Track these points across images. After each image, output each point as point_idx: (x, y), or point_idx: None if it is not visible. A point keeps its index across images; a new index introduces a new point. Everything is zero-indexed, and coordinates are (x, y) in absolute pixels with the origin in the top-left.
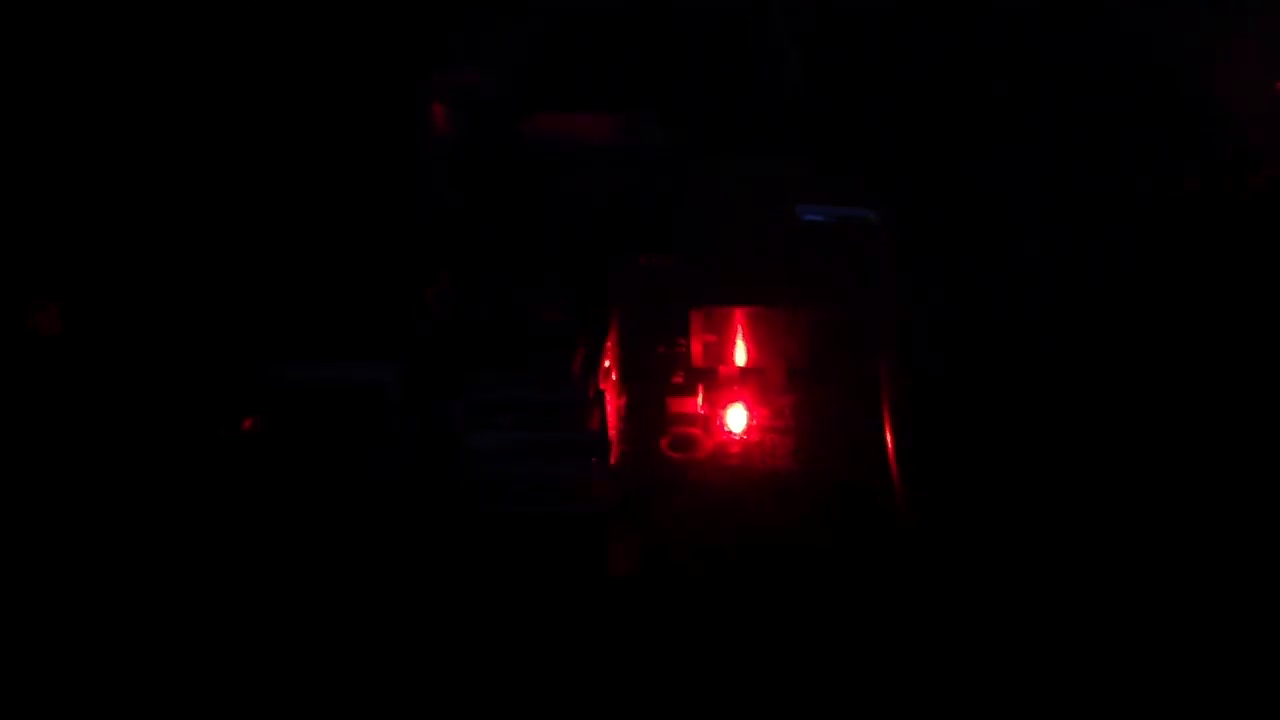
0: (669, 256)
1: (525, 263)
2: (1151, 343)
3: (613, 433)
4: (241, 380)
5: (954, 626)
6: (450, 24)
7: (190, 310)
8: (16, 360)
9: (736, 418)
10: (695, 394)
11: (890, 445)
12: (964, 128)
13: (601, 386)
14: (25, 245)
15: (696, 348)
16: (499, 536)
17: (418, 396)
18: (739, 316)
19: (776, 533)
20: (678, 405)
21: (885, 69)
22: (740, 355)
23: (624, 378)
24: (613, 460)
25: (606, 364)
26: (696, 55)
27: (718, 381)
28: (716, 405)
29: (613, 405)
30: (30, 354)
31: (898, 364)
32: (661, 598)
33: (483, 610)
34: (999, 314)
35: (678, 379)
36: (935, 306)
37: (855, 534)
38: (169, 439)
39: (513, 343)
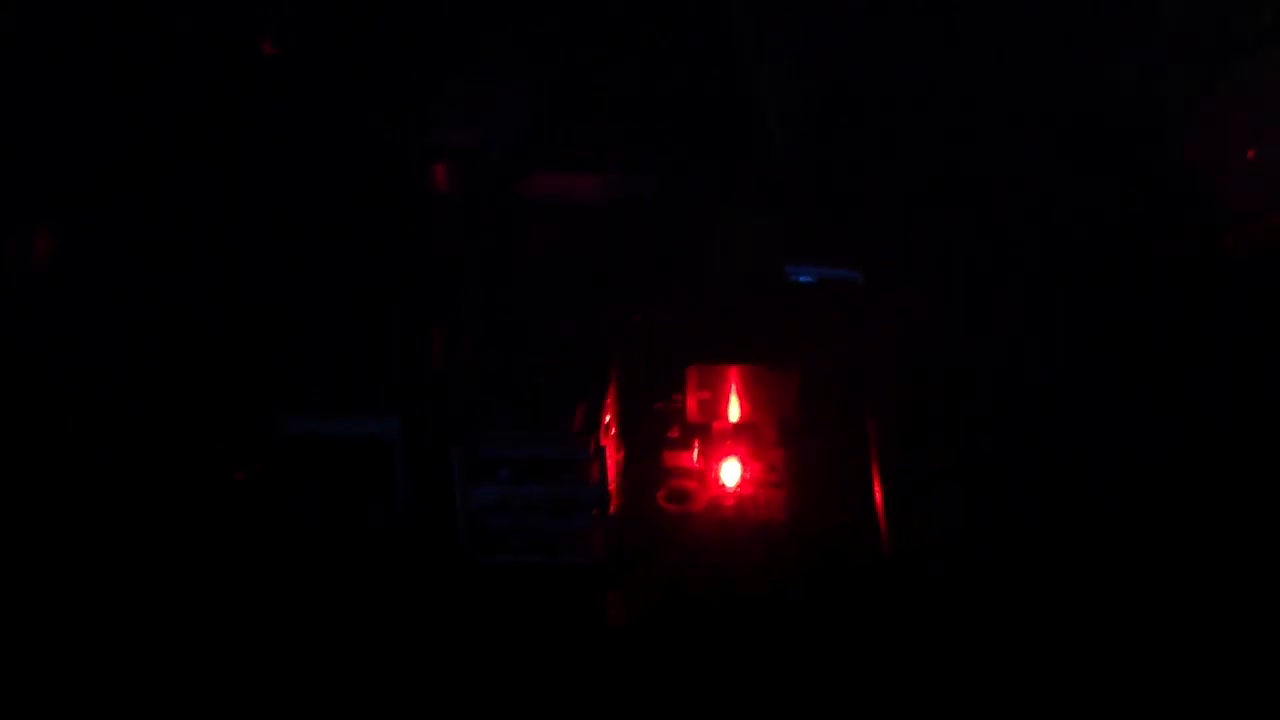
0: (664, 314)
1: (524, 319)
2: (1132, 404)
3: (611, 486)
4: (247, 431)
5: (946, 678)
6: (447, 85)
7: (198, 358)
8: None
9: (730, 471)
10: (691, 448)
11: (879, 497)
12: (946, 191)
13: (602, 442)
14: None
15: (692, 404)
16: (498, 588)
17: (419, 449)
18: (733, 373)
19: (770, 583)
20: (674, 459)
21: (868, 134)
22: (734, 411)
23: (622, 432)
24: (611, 513)
25: (607, 419)
26: (689, 118)
27: (712, 436)
28: (711, 459)
29: (611, 459)
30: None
31: (884, 416)
32: (658, 647)
33: (480, 658)
34: (983, 365)
35: (673, 434)
36: (920, 360)
37: (847, 585)
38: (172, 481)
39: (515, 397)
